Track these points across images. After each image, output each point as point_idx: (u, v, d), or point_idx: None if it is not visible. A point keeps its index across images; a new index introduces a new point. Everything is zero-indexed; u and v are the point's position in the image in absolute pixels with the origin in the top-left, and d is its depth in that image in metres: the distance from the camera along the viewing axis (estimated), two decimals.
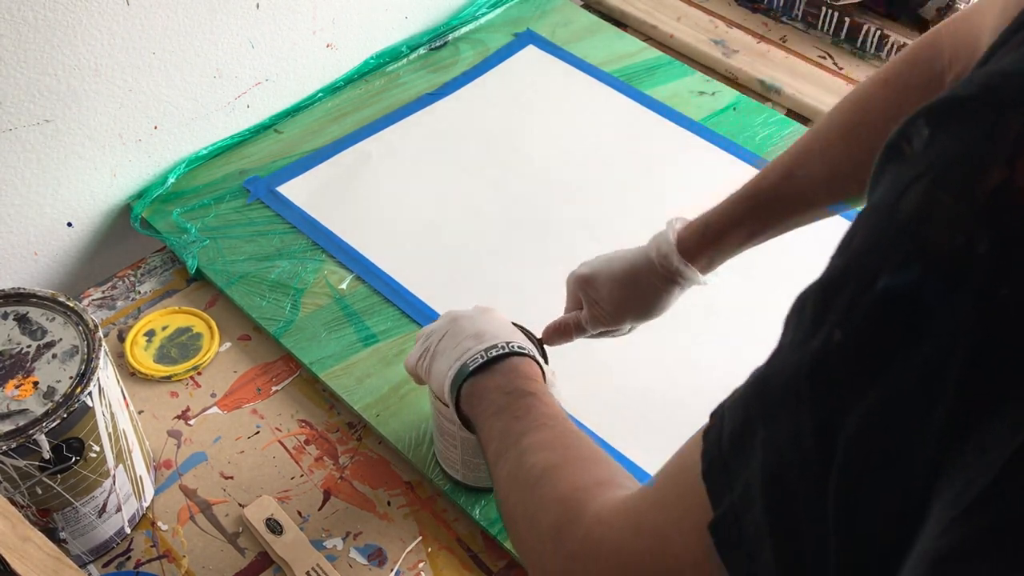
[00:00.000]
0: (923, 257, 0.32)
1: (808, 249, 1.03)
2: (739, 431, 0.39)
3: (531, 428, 0.62)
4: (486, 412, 0.66)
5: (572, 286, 0.83)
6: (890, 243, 0.33)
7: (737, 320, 0.96)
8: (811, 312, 0.36)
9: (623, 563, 0.47)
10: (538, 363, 0.71)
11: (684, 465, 0.44)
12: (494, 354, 0.69)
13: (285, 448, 0.88)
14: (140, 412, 0.90)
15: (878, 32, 1.24)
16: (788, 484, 0.36)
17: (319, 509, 0.84)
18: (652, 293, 0.78)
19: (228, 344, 0.96)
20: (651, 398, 0.91)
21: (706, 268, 0.77)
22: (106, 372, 0.74)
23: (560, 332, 0.83)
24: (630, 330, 0.82)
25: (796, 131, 1.16)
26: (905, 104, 0.68)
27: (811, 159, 0.72)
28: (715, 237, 0.75)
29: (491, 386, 0.68)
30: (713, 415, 0.42)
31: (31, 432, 0.68)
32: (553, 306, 0.86)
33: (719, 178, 1.11)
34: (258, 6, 1.08)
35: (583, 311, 0.81)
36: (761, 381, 0.39)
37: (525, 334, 0.79)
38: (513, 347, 0.70)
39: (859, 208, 0.38)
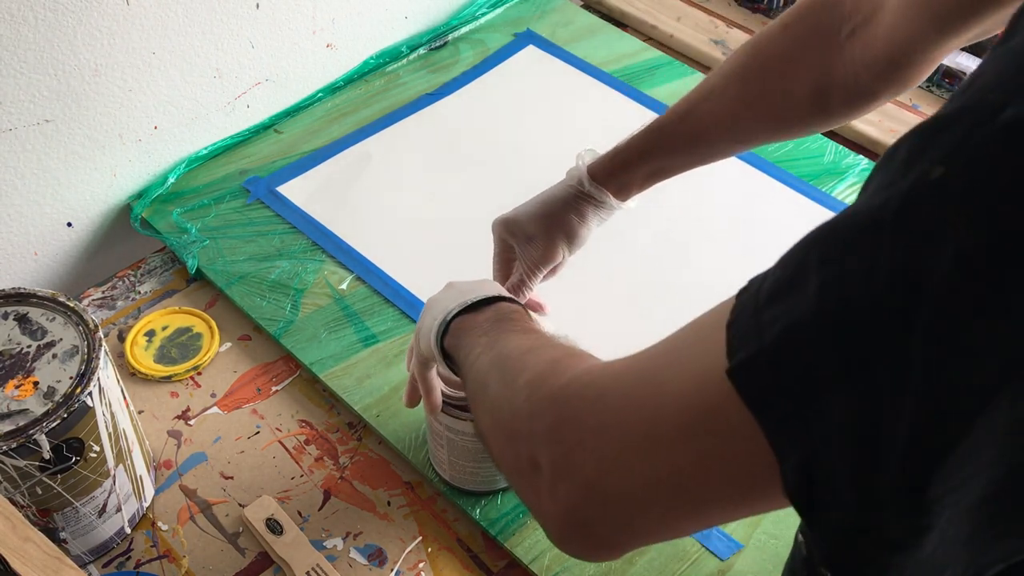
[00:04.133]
0: None
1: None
2: (786, 280, 0.35)
3: (512, 333, 0.59)
4: (470, 342, 0.62)
5: (499, 231, 0.84)
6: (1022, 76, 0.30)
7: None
8: (905, 154, 0.32)
9: (607, 407, 0.43)
10: (528, 313, 0.67)
11: (703, 322, 0.41)
12: (480, 297, 0.66)
13: (285, 448, 0.88)
14: (140, 412, 0.90)
15: None
16: (856, 326, 0.32)
17: (319, 509, 0.84)
18: (572, 216, 0.81)
19: (228, 344, 0.96)
20: None
21: (618, 193, 0.80)
22: (106, 372, 0.74)
23: (513, 293, 0.83)
24: (563, 260, 0.83)
25: None
26: (799, 51, 0.70)
27: (710, 98, 0.74)
28: (622, 165, 0.78)
29: (478, 321, 0.64)
30: (751, 280, 0.39)
31: (31, 432, 0.68)
32: (552, 305, 0.86)
33: (717, 176, 1.12)
34: (258, 6, 1.08)
35: (518, 263, 0.83)
36: (828, 228, 0.35)
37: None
38: (499, 294, 0.67)
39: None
